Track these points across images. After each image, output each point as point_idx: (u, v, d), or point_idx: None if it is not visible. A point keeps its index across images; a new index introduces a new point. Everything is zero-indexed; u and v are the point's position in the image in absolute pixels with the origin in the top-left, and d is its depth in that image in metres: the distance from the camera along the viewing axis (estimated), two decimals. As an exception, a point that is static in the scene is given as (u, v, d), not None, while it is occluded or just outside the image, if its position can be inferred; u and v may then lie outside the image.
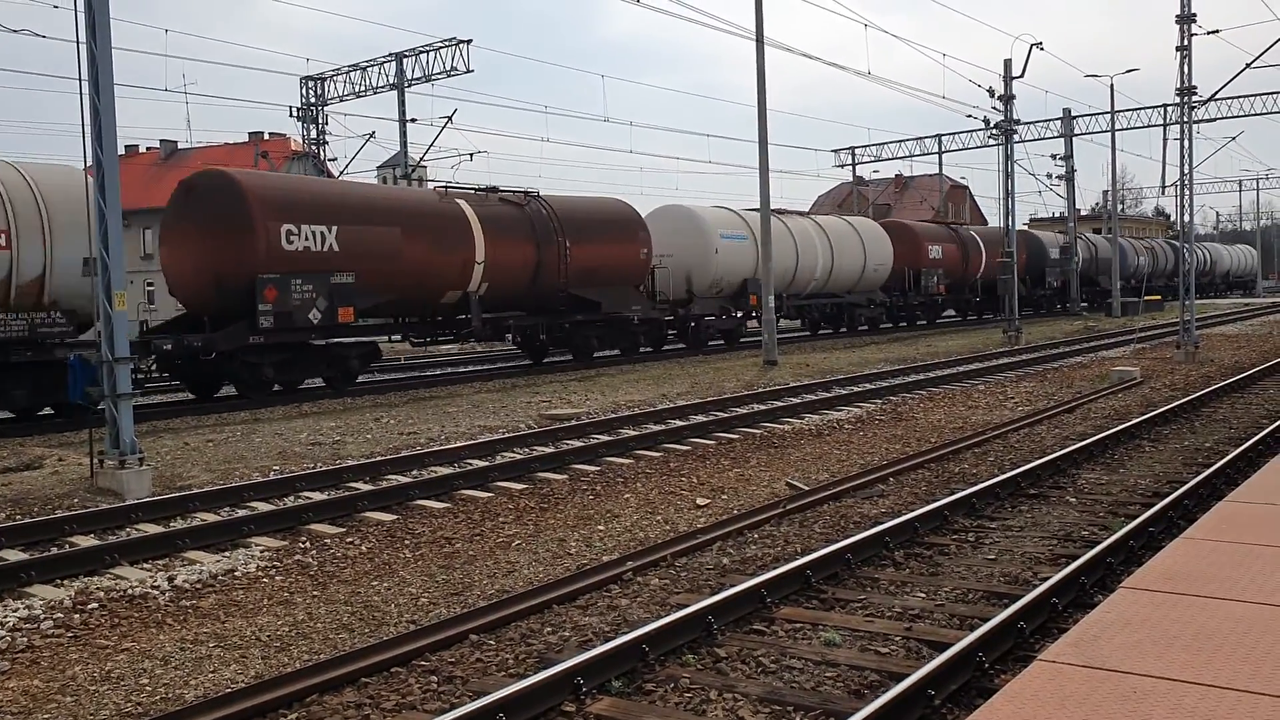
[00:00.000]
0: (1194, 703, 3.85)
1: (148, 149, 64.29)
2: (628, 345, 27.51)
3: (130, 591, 7.76)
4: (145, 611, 7.36)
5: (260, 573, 8.27)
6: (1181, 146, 25.58)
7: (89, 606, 7.43)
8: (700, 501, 10.45)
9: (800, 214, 36.09)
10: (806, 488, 10.70)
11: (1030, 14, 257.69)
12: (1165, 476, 10.94)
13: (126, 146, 63.16)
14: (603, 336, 26.66)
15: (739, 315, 31.31)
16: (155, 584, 7.93)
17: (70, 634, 6.92)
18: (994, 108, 34.11)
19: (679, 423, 15.18)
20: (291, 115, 39.09)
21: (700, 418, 15.79)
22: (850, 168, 60.08)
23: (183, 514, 10.17)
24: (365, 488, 11.08)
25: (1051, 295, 50.03)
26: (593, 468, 12.20)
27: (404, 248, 20.55)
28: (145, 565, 8.54)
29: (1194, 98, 25.66)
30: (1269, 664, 4.19)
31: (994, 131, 35.32)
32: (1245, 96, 47.16)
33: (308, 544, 9.12)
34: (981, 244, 43.84)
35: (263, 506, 10.43)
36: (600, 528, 9.48)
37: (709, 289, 29.81)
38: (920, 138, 56.25)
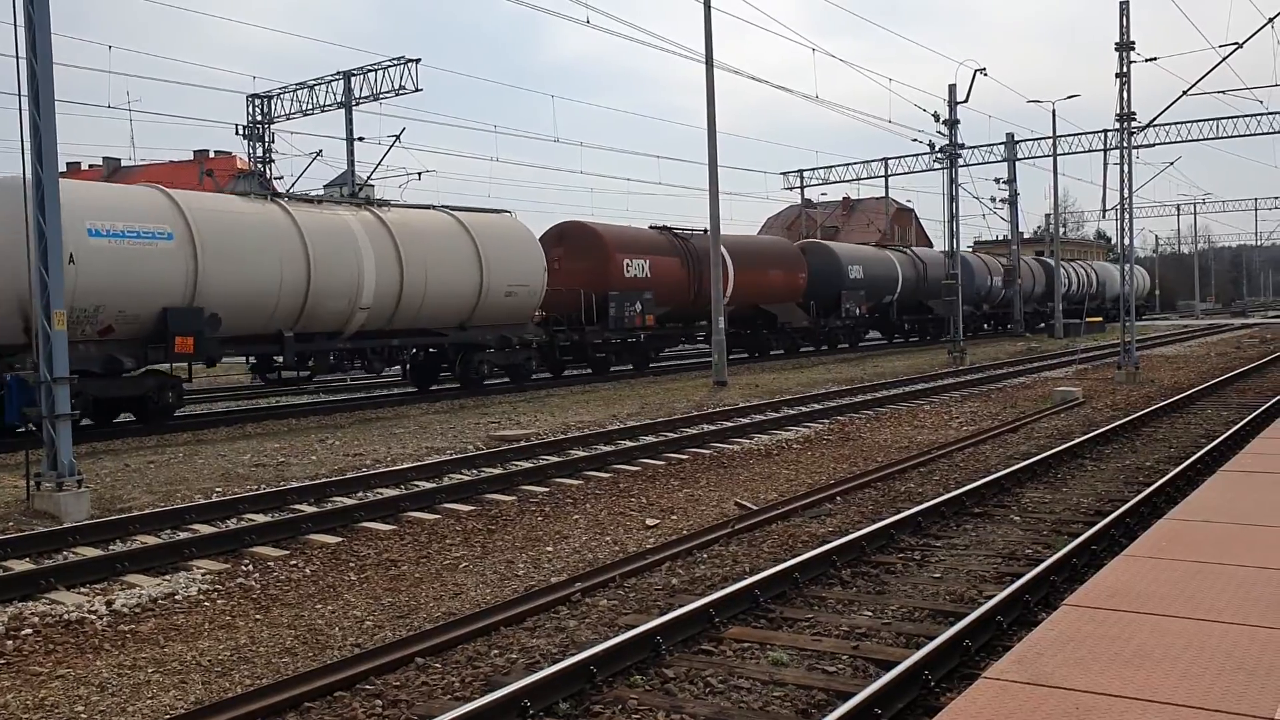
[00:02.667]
0: (1135, 718, 3.89)
1: (90, 166, 63.35)
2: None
3: (66, 616, 7.58)
4: (82, 637, 7.19)
5: (201, 596, 8.13)
6: (1121, 171, 26.10)
7: (23, 632, 7.25)
8: (649, 522, 10.43)
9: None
10: (755, 507, 10.73)
11: (974, 40, 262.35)
12: (1107, 495, 11.09)
13: (68, 164, 62.22)
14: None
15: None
16: (93, 608, 7.76)
17: (2, 660, 6.74)
18: (939, 132, 34.66)
19: (628, 443, 15.17)
20: (237, 133, 38.72)
21: (650, 438, 15.78)
22: (799, 190, 60.63)
23: (122, 537, 9.98)
24: (310, 510, 10.93)
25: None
26: (541, 489, 12.14)
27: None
28: (82, 589, 8.35)
29: (1133, 123, 26.20)
30: (1206, 679, 4.25)
31: (939, 155, 35.90)
32: (1183, 123, 48.30)
33: (250, 567, 8.98)
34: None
35: (205, 529, 10.27)
36: (549, 549, 9.42)
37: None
38: (867, 161, 56.93)
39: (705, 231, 29.01)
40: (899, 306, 42.68)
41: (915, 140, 41.92)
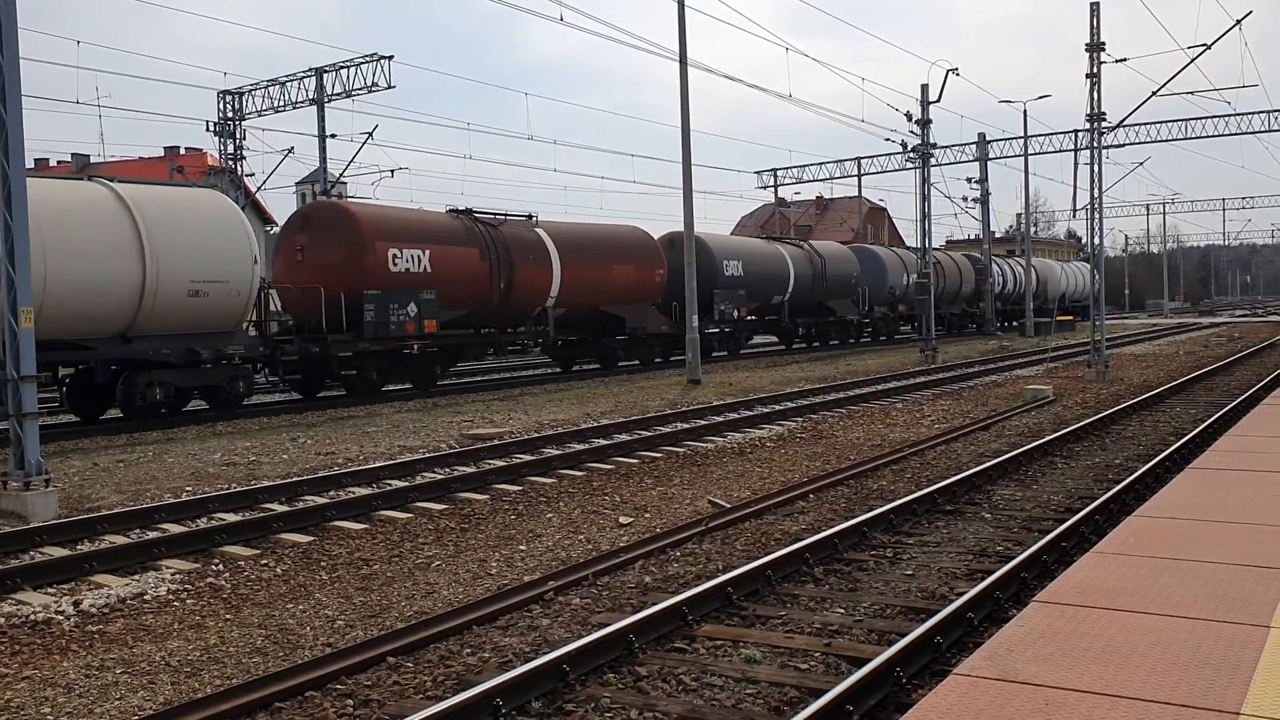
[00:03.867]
0: (1103, 713, 3.92)
1: (59, 163, 62.65)
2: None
3: (33, 617, 7.50)
4: (49, 638, 7.12)
5: (171, 596, 8.06)
6: (1092, 171, 26.30)
7: (-11, 633, 7.17)
8: (623, 520, 10.43)
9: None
10: (728, 505, 10.74)
11: (947, 40, 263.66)
12: (1077, 493, 11.18)
13: (36, 160, 61.55)
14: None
15: None
16: (60, 609, 7.68)
17: (-32, 662, 6.66)
18: (911, 131, 34.81)
19: (602, 441, 15.16)
20: (208, 130, 38.41)
21: (624, 436, 15.78)
22: (773, 189, 60.80)
23: (90, 536, 9.88)
24: (281, 509, 10.86)
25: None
26: (515, 487, 12.11)
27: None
28: (49, 590, 8.27)
29: (1104, 124, 26.40)
30: (1174, 674, 4.29)
31: (911, 155, 36.02)
32: (1152, 123, 48.76)
33: (221, 566, 8.91)
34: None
35: (174, 528, 10.18)
36: (522, 547, 9.41)
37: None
38: (840, 160, 57.12)
39: (527, 217, 26.48)
40: (792, 308, 37.34)
41: (888, 140, 42.12)
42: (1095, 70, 25.27)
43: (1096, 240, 27.58)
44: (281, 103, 37.29)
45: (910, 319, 45.47)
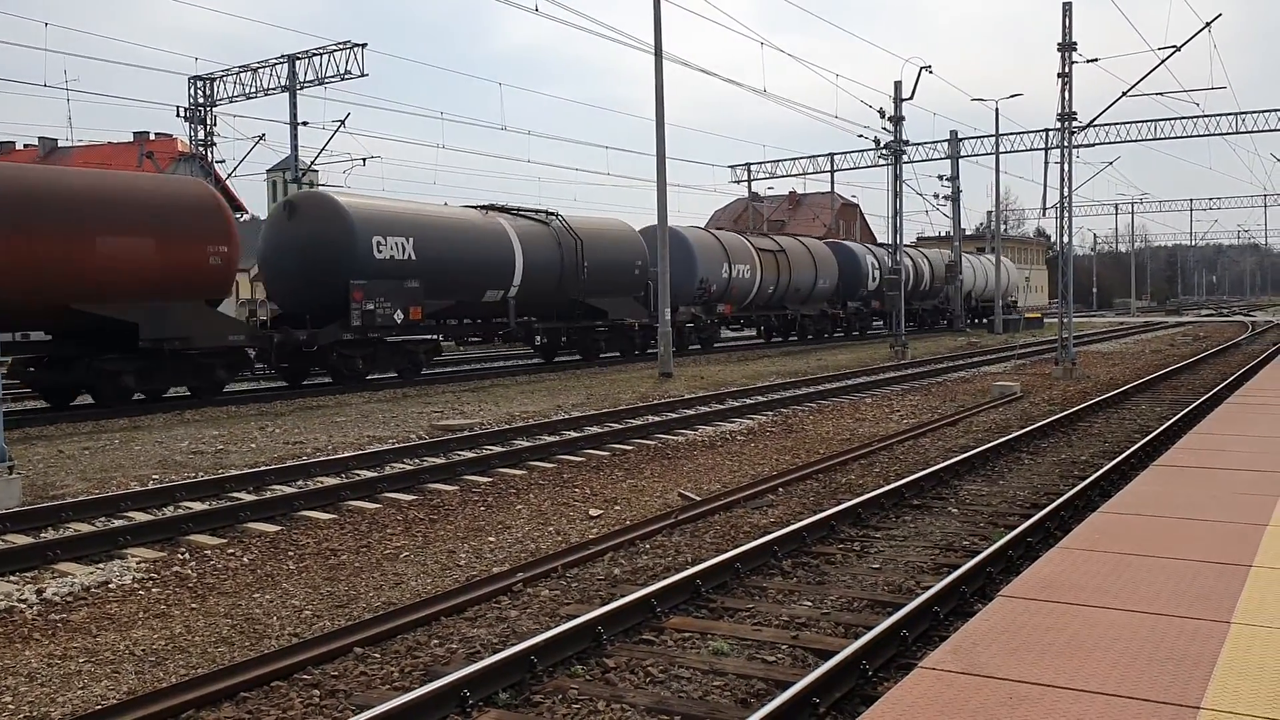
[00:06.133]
0: (1067, 706, 3.96)
1: (25, 146, 61.90)
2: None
3: (-5, 605, 7.42)
4: (10, 626, 7.04)
5: (136, 585, 7.99)
6: (1062, 170, 26.48)
7: (-50, 621, 7.08)
8: (593, 512, 10.43)
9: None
10: (698, 498, 10.76)
11: (920, 38, 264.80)
12: (1043, 488, 11.28)
13: (1, 143, 60.75)
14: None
15: None
16: (23, 597, 7.60)
17: (-72, 650, 6.58)
18: (884, 128, 34.94)
19: (573, 434, 15.15)
20: (179, 115, 38.09)
21: (595, 429, 15.77)
22: (746, 184, 60.91)
23: (54, 524, 9.78)
24: (248, 498, 10.80)
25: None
26: (485, 479, 12.09)
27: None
28: (12, 578, 8.17)
29: (1074, 123, 26.59)
30: (1136, 668, 4.34)
31: (884, 152, 36.15)
32: (1122, 123, 49.30)
33: (187, 555, 8.85)
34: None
35: (140, 516, 10.09)
36: (491, 539, 9.39)
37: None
38: (814, 156, 57.39)
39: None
40: (521, 307, 26.92)
41: (861, 136, 42.41)
42: (1066, 70, 25.44)
43: (1066, 239, 27.80)
44: (253, 89, 37.03)
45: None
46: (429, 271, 23.80)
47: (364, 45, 34.27)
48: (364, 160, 44.90)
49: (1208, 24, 25.99)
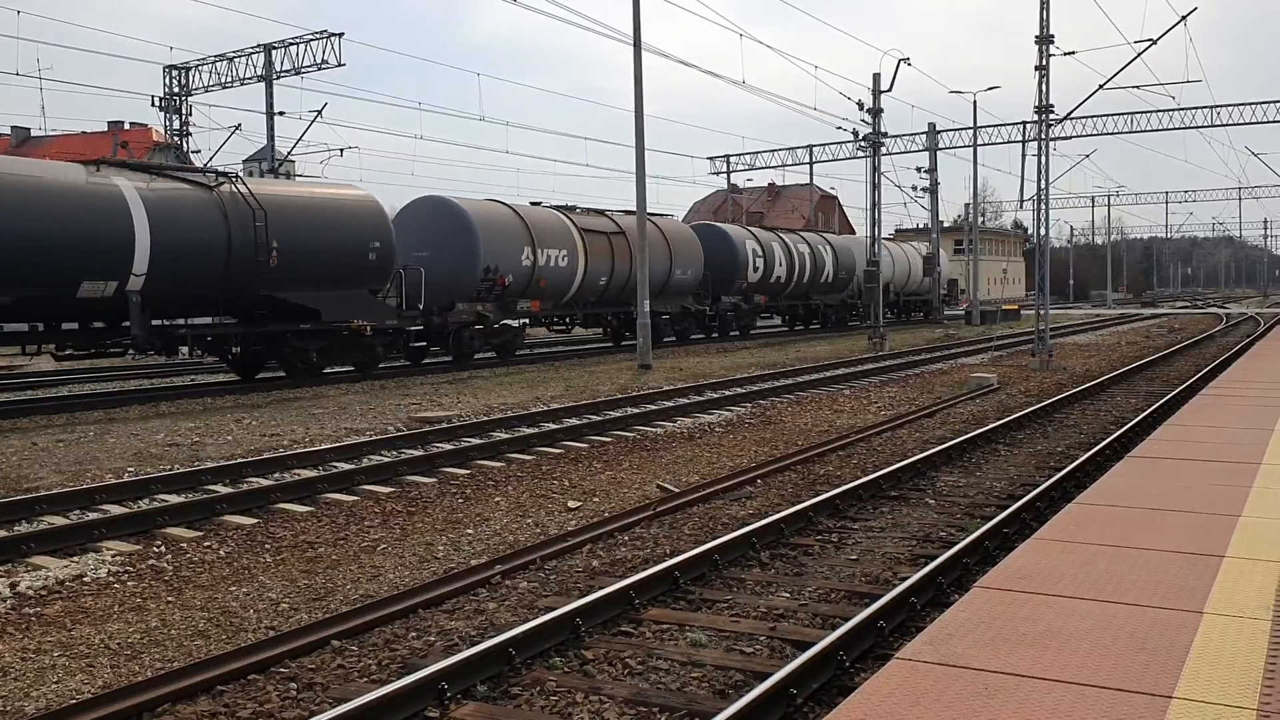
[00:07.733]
0: (1041, 697, 3.99)
1: (-3, 135, 61.21)
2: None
3: (-32, 599, 7.36)
4: (-16, 620, 6.99)
5: (111, 578, 7.94)
6: (1039, 162, 26.63)
7: (-78, 615, 7.02)
8: (571, 504, 10.43)
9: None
10: (677, 490, 10.78)
11: (899, 30, 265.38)
12: (1019, 479, 11.34)
13: (-27, 132, 60.05)
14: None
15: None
16: (-4, 591, 7.54)
17: (-100, 645, 6.53)
18: (863, 120, 35.03)
19: (551, 425, 15.13)
20: (154, 105, 37.76)
21: (573, 421, 15.76)
22: (725, 175, 60.90)
23: (28, 517, 9.70)
24: (225, 490, 10.74)
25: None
26: (463, 471, 12.06)
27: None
28: (-15, 572, 8.11)
29: (1051, 116, 26.72)
30: (1111, 659, 4.37)
31: (862, 144, 36.23)
32: (1099, 116, 49.49)
33: (163, 548, 8.79)
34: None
35: (115, 509, 10.02)
36: (469, 531, 9.37)
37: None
38: (793, 148, 57.36)
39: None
40: (154, 305, 18.88)
41: (840, 128, 42.51)
42: (1044, 63, 25.57)
43: (1042, 231, 27.94)
44: (229, 79, 36.77)
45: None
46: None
47: (341, 35, 34.08)
48: (341, 151, 44.69)
49: (1184, 18, 26.18)
